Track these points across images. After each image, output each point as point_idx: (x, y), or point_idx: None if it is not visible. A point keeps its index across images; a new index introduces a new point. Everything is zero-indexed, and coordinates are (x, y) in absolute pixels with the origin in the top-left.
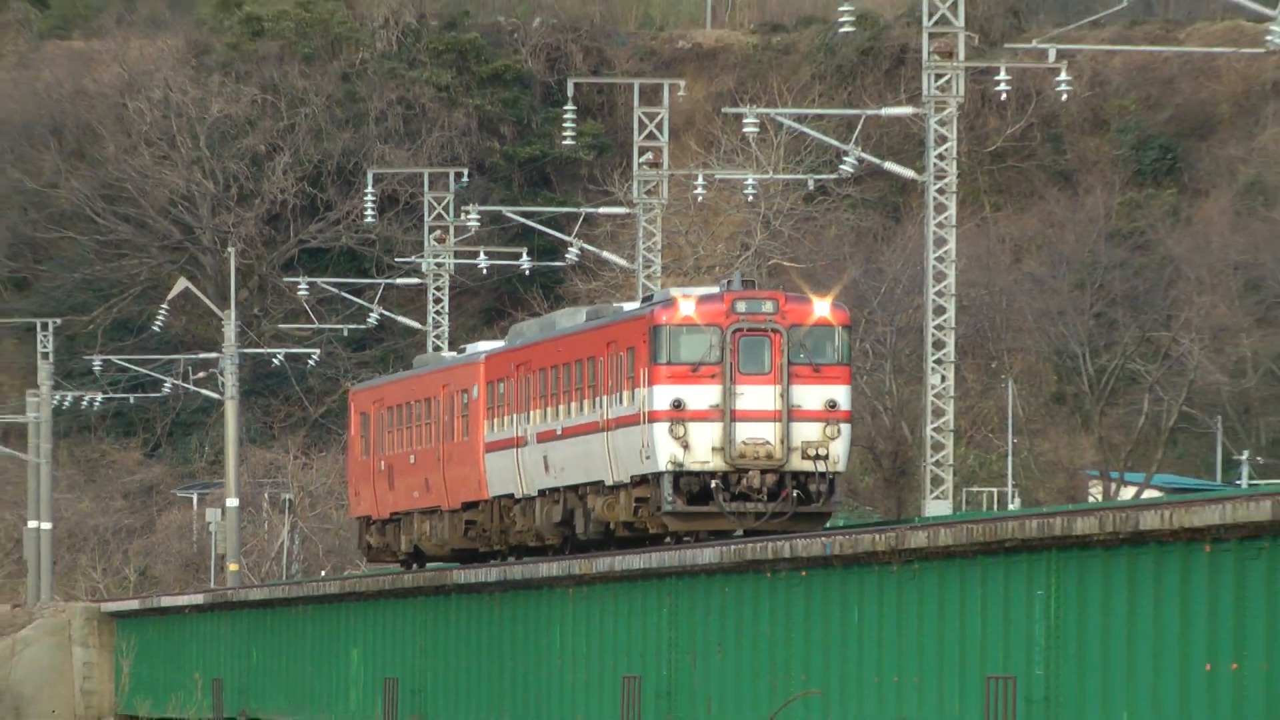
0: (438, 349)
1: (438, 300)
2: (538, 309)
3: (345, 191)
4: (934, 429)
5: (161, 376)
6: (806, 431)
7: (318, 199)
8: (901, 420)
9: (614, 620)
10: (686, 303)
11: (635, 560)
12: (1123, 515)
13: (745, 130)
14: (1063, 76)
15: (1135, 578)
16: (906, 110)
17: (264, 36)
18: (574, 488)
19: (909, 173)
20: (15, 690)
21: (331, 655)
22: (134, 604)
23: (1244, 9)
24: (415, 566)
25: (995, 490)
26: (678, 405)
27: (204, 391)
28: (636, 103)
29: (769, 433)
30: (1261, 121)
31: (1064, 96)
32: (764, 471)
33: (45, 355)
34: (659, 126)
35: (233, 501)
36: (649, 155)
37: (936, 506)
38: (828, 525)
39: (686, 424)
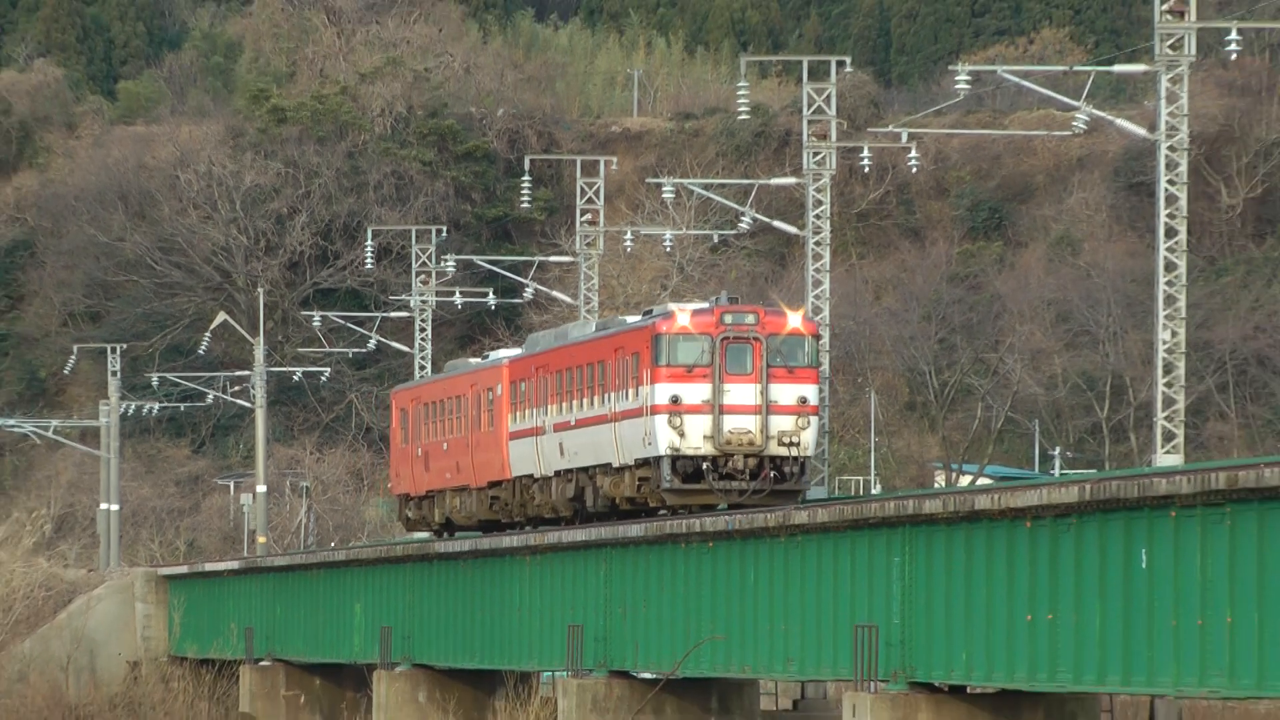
0: (423, 369)
1: (422, 330)
2: (501, 336)
3: (350, 244)
4: None
5: (205, 389)
6: (782, 423)
7: (328, 250)
8: None
9: (561, 581)
10: (683, 315)
11: (579, 534)
12: (961, 498)
13: (664, 195)
14: (913, 154)
15: (972, 547)
16: (790, 180)
17: (286, 123)
18: (585, 469)
19: (793, 229)
20: (90, 637)
21: (339, 609)
22: (183, 569)
23: (1055, 100)
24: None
25: (861, 478)
26: (675, 400)
27: (239, 401)
28: (579, 174)
29: (751, 424)
30: (1069, 188)
31: (914, 169)
32: (747, 455)
33: (114, 373)
34: (596, 193)
35: (261, 488)
36: (588, 215)
37: (816, 491)
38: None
39: (683, 416)
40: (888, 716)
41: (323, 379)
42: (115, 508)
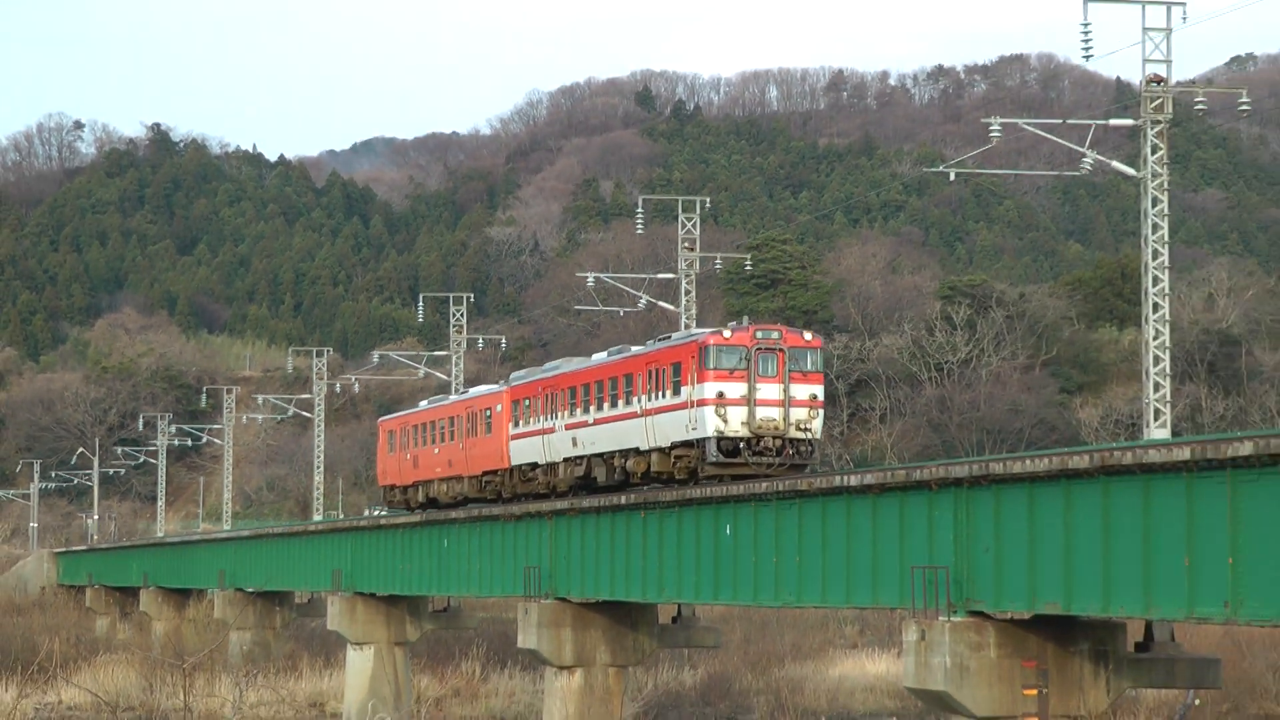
0: (163, 474)
1: (161, 460)
2: (197, 460)
3: (133, 422)
4: None
5: (73, 478)
6: (798, 413)
7: (125, 423)
8: None
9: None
10: (726, 332)
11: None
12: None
13: (259, 403)
14: (356, 385)
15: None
16: (307, 396)
17: (109, 374)
18: (601, 455)
19: (306, 413)
20: (24, 577)
21: (126, 564)
22: (64, 549)
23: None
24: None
25: None
26: (720, 395)
27: (88, 483)
28: (224, 395)
29: (776, 414)
30: None
31: (355, 391)
32: (773, 437)
33: (36, 474)
34: (234, 402)
35: (96, 517)
36: (230, 409)
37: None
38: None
39: (726, 407)
40: None
41: (121, 473)
42: (35, 525)
